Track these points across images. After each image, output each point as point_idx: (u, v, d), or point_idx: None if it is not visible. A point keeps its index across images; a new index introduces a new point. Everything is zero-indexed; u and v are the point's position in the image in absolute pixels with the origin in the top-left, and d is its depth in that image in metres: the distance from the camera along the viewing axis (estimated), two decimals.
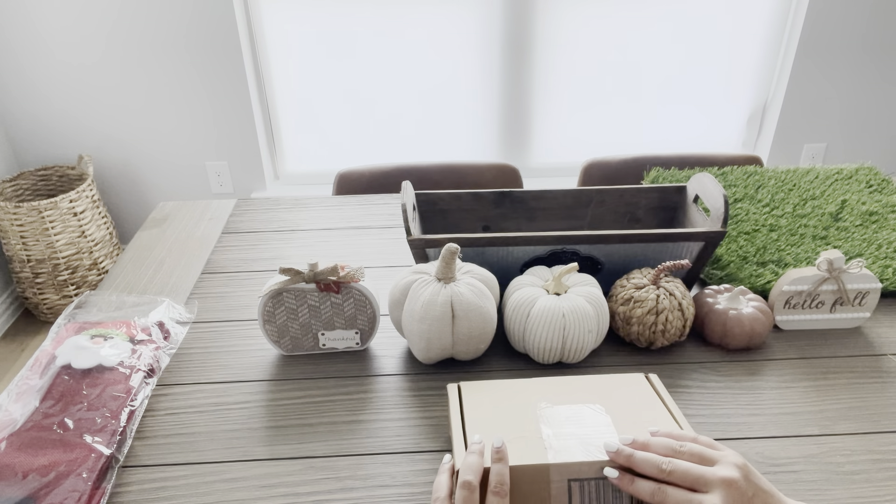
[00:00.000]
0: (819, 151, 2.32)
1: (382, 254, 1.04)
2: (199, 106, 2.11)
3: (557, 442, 0.57)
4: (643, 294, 0.78)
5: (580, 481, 0.54)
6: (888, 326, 0.85)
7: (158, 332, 0.82)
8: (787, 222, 1.02)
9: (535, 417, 0.60)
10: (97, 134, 2.14)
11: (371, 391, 0.76)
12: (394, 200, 1.21)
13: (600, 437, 0.57)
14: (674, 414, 0.61)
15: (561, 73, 2.18)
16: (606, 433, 0.58)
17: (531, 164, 2.35)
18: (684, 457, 0.53)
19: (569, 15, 2.08)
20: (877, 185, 1.11)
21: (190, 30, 1.99)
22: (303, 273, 0.76)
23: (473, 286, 0.74)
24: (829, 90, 2.21)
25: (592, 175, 1.44)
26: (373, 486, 0.64)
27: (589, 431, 0.58)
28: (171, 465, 0.67)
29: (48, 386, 0.71)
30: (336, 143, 2.28)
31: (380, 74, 2.15)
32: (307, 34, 2.07)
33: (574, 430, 0.58)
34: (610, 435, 0.57)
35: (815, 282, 0.81)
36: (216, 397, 0.75)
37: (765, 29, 2.15)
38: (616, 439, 0.55)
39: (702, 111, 2.29)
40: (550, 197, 0.95)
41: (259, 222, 1.14)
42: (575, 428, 0.58)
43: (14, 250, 1.97)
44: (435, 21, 2.07)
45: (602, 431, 0.58)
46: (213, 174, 2.24)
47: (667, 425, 0.59)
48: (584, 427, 0.59)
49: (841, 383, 0.76)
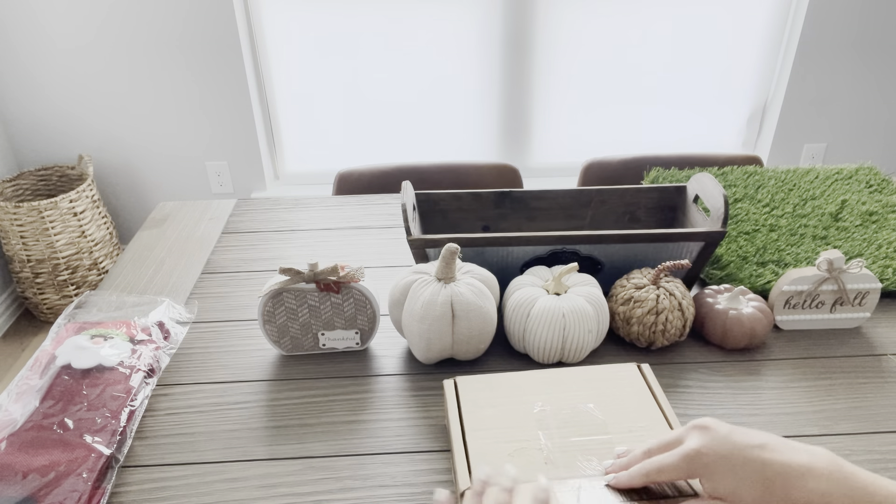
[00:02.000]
0: (819, 151, 2.32)
1: (382, 254, 1.04)
2: (199, 106, 2.11)
3: (557, 454, 0.58)
4: (643, 294, 0.78)
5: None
6: (888, 326, 0.85)
7: (158, 332, 0.82)
8: (787, 222, 1.02)
9: (533, 422, 0.61)
10: (97, 134, 2.14)
11: (371, 391, 0.76)
12: (394, 200, 1.21)
13: (597, 447, 0.58)
14: (662, 406, 0.63)
15: (561, 74, 2.18)
16: (603, 441, 0.59)
17: (531, 164, 2.35)
18: (654, 453, 0.54)
19: (569, 15, 2.08)
20: (877, 185, 1.11)
21: (190, 30, 1.99)
22: (303, 273, 0.76)
23: (473, 286, 0.74)
24: (829, 90, 2.21)
25: (592, 175, 1.44)
26: (373, 486, 0.64)
27: (586, 440, 0.59)
28: (171, 465, 0.67)
29: (48, 386, 0.71)
30: (336, 143, 2.28)
31: (380, 74, 2.15)
32: (307, 34, 2.07)
33: (572, 440, 0.59)
34: (606, 444, 0.59)
35: (815, 282, 0.81)
36: (216, 397, 0.75)
37: (765, 29, 2.15)
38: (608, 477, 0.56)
39: (702, 111, 2.29)
40: (550, 197, 0.95)
41: (259, 222, 1.14)
42: (572, 436, 0.60)
43: (14, 250, 1.97)
44: (435, 21, 2.07)
45: (599, 441, 0.59)
46: (213, 174, 2.24)
47: (655, 417, 0.62)
48: (581, 434, 0.60)
49: (841, 383, 0.76)
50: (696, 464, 0.50)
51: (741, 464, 0.48)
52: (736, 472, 0.48)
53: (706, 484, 0.50)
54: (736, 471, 0.48)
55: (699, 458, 0.50)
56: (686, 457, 0.50)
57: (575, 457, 0.57)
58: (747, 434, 0.50)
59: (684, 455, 0.50)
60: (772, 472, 0.47)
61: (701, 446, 0.50)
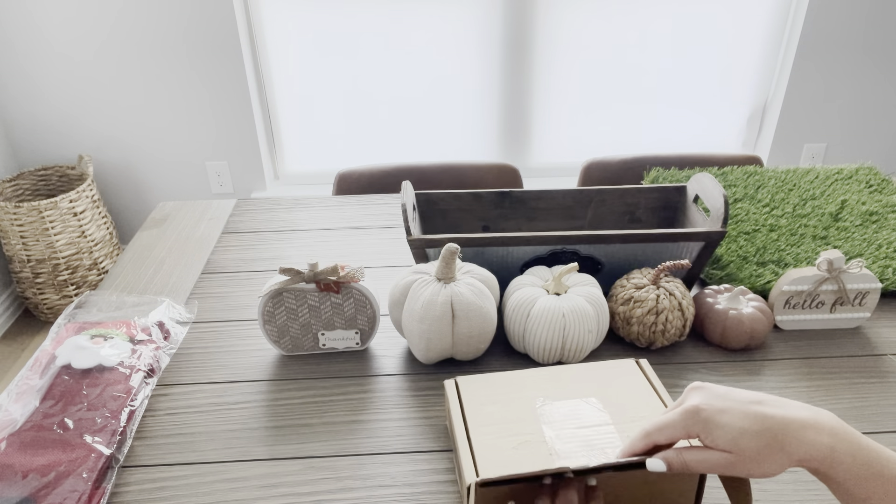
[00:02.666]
0: (819, 151, 2.32)
1: (382, 254, 1.04)
2: (199, 106, 2.11)
3: (561, 445, 0.58)
4: (643, 294, 0.78)
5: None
6: (888, 326, 0.85)
7: (158, 332, 0.82)
8: (787, 222, 1.02)
9: (535, 416, 0.61)
10: (97, 134, 2.14)
11: (371, 391, 0.76)
12: (394, 200, 1.21)
13: (601, 437, 0.58)
14: (663, 399, 0.63)
15: (561, 74, 2.18)
16: (606, 432, 0.59)
17: (531, 164, 2.35)
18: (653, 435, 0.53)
19: (569, 15, 2.08)
20: (877, 185, 1.11)
21: (190, 30, 1.99)
22: (303, 273, 0.76)
23: (473, 286, 0.74)
24: (829, 90, 2.21)
25: (592, 175, 1.44)
26: (373, 486, 0.64)
27: (590, 432, 0.59)
28: (171, 465, 0.67)
29: (48, 386, 0.71)
30: (336, 143, 2.28)
31: (380, 74, 2.15)
32: (307, 34, 2.07)
33: (575, 431, 0.59)
34: (609, 434, 0.58)
35: (815, 282, 0.81)
36: (216, 397, 0.75)
37: (765, 29, 2.15)
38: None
39: (702, 111, 2.29)
40: (550, 197, 0.95)
41: (259, 222, 1.14)
42: (575, 428, 0.59)
43: (14, 250, 1.97)
44: (435, 21, 2.07)
45: (602, 431, 0.59)
46: (213, 174, 2.24)
47: (656, 408, 0.62)
48: (584, 426, 0.60)
49: (841, 383, 0.76)
50: (696, 419, 0.49)
51: (741, 417, 0.47)
52: (735, 425, 0.47)
53: (706, 440, 0.49)
54: (735, 424, 0.47)
55: (698, 414, 0.49)
56: (686, 412, 0.49)
57: (579, 448, 0.57)
58: (744, 392, 0.50)
59: (684, 411, 0.50)
60: (772, 423, 0.47)
61: (700, 402, 0.49)
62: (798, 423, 0.47)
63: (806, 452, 0.46)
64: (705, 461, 0.49)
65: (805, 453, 0.46)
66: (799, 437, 0.46)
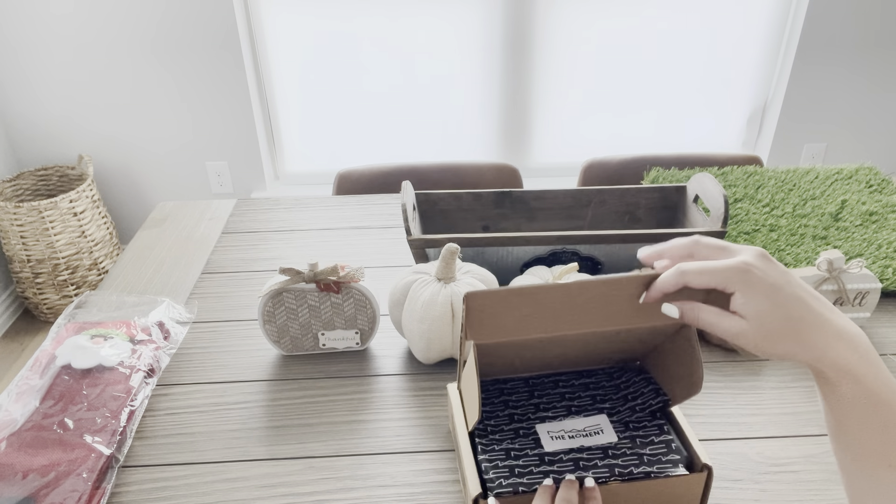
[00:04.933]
0: (819, 151, 2.32)
1: (382, 254, 1.04)
2: (199, 106, 2.11)
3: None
4: None
5: None
6: (888, 326, 0.85)
7: (158, 332, 0.82)
8: (787, 222, 1.02)
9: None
10: (97, 134, 2.14)
11: (371, 391, 0.76)
12: (394, 200, 1.21)
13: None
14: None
15: (561, 74, 2.18)
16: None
17: (531, 164, 2.35)
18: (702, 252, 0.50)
19: (569, 15, 2.08)
20: (877, 185, 1.11)
21: (190, 30, 1.99)
22: (303, 273, 0.76)
23: (473, 286, 0.74)
24: (829, 90, 2.21)
25: (592, 175, 1.44)
26: (373, 486, 0.64)
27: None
28: (171, 465, 0.67)
29: (48, 386, 0.71)
30: (336, 143, 2.28)
31: (380, 74, 2.15)
32: (307, 34, 2.07)
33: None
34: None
35: (815, 282, 0.81)
36: (216, 397, 0.75)
37: (765, 29, 2.15)
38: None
39: (702, 111, 2.28)
40: (550, 197, 0.95)
41: (259, 222, 1.14)
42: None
43: (14, 250, 1.97)
44: (435, 21, 2.07)
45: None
46: (213, 174, 2.24)
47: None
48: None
49: None
50: (742, 277, 0.46)
51: (784, 297, 0.46)
52: (773, 299, 0.46)
53: (738, 298, 0.47)
54: (774, 299, 0.46)
55: (747, 273, 0.46)
56: (735, 266, 0.47)
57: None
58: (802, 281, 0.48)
59: (734, 264, 0.47)
60: (811, 317, 0.46)
61: (755, 263, 0.47)
62: (834, 328, 0.46)
63: (826, 356, 0.45)
64: (718, 325, 0.48)
65: (824, 356, 0.45)
66: (826, 340, 0.45)
